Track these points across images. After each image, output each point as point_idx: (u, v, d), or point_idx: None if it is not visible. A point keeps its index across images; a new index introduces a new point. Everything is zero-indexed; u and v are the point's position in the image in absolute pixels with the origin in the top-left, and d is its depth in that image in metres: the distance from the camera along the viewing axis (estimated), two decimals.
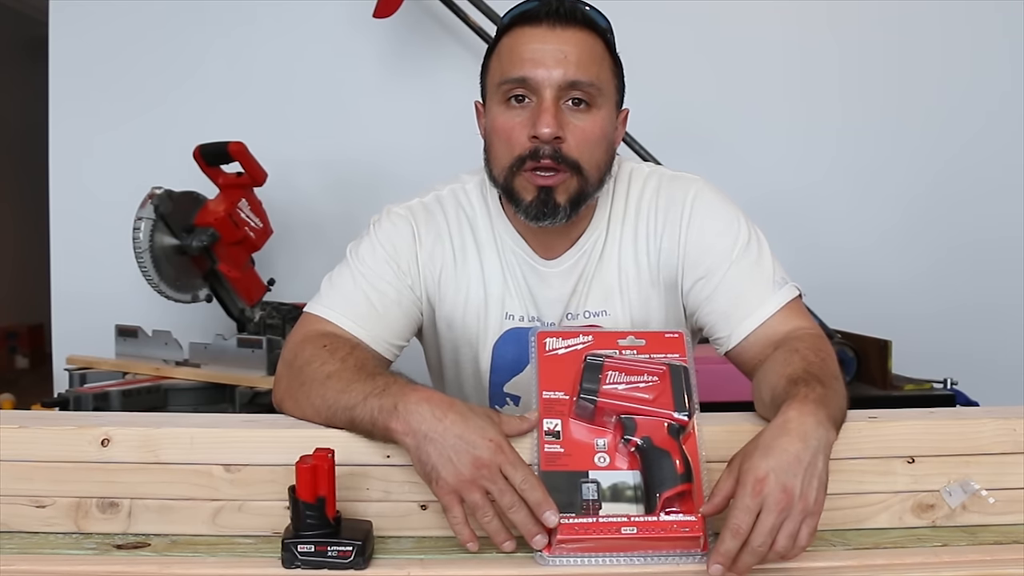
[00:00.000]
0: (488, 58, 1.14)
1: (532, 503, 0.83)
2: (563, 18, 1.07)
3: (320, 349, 1.03)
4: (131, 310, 2.16)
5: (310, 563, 0.82)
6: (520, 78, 1.06)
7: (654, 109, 2.37)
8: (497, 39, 1.13)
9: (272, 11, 2.41)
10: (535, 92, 1.06)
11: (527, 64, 1.06)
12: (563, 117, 1.06)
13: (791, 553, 0.79)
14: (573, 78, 1.05)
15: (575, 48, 1.06)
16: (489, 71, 1.13)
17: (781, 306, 1.09)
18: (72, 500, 0.91)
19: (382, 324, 1.12)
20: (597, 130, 1.08)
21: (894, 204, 2.48)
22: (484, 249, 1.19)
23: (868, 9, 2.44)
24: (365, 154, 2.38)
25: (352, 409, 0.91)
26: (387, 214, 1.20)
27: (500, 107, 1.09)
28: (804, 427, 0.82)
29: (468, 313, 1.18)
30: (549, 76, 1.05)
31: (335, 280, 1.15)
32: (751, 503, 0.78)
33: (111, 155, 2.40)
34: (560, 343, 0.96)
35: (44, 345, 5.38)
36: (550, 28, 1.06)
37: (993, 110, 2.46)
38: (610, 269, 1.17)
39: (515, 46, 1.08)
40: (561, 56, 1.05)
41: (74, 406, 1.74)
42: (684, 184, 1.18)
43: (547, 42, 1.06)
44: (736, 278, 1.11)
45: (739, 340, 1.09)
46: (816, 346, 1.02)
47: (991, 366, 2.25)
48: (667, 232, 1.16)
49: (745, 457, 0.82)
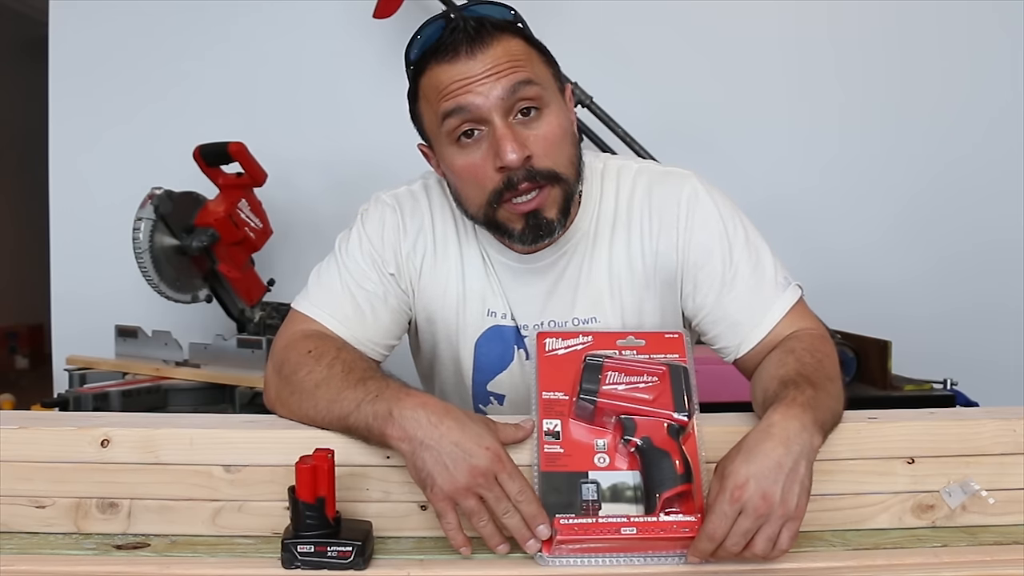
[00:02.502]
0: (414, 103, 1.08)
1: (527, 516, 0.83)
2: (478, 39, 1.00)
3: (306, 356, 1.01)
4: (131, 310, 2.16)
5: (310, 563, 0.82)
6: (458, 108, 1.00)
7: (654, 109, 2.37)
8: (415, 80, 1.06)
9: (272, 11, 2.41)
10: (482, 122, 1.00)
11: (460, 96, 1.00)
12: (520, 134, 1.00)
13: (771, 556, 0.80)
14: (514, 90, 0.99)
15: (502, 61, 1.00)
16: (422, 116, 1.07)
17: (786, 312, 1.08)
18: (72, 500, 0.91)
19: (368, 325, 1.10)
20: (557, 131, 1.03)
21: (894, 204, 2.48)
22: (466, 243, 1.15)
23: (868, 9, 2.44)
24: (365, 154, 2.37)
25: (346, 418, 0.91)
26: (375, 203, 1.17)
27: (452, 148, 1.03)
28: (787, 432, 0.82)
29: (446, 307, 1.15)
30: (489, 101, 0.99)
31: (323, 276, 1.13)
32: (729, 509, 0.79)
33: (111, 155, 2.40)
34: (560, 343, 0.96)
35: (44, 345, 5.37)
36: (470, 56, 0.99)
37: (994, 111, 2.45)
38: (599, 273, 1.13)
39: (439, 84, 1.01)
40: (493, 77, 0.99)
41: (74, 406, 1.74)
42: (677, 181, 1.13)
43: (473, 70, 0.99)
44: (739, 288, 1.08)
45: (746, 352, 1.08)
46: (813, 347, 1.02)
47: (991, 367, 2.25)
48: (663, 234, 1.11)
49: (727, 461, 0.82)
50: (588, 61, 2.22)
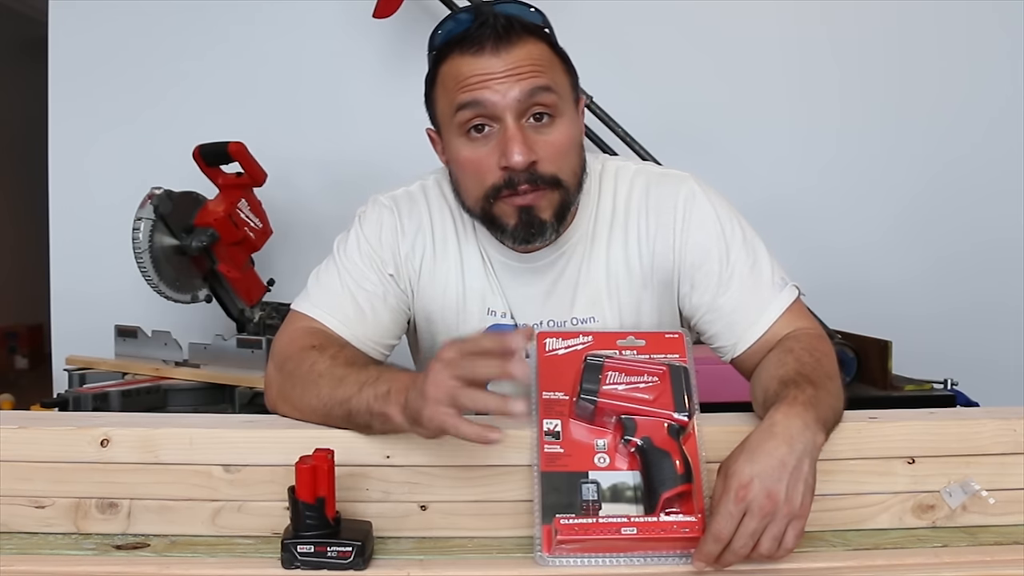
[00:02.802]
0: (431, 87, 1.09)
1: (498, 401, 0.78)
2: (505, 38, 1.01)
3: (309, 351, 1.02)
4: (131, 310, 2.16)
5: (310, 563, 0.81)
6: (474, 102, 1.01)
7: (653, 109, 2.37)
8: (436, 65, 1.07)
9: (272, 11, 2.40)
10: (495, 119, 1.02)
11: (477, 90, 1.01)
12: (530, 138, 1.01)
13: (777, 555, 0.80)
14: (531, 94, 1.01)
15: (524, 64, 1.01)
16: (436, 102, 1.08)
17: (782, 312, 1.08)
18: (71, 500, 0.91)
19: (369, 324, 1.11)
20: (566, 140, 1.04)
21: (894, 204, 2.47)
22: (465, 242, 1.15)
23: (867, 9, 2.44)
24: (365, 154, 2.37)
25: (348, 401, 0.91)
26: (372, 205, 1.18)
27: (461, 140, 1.05)
28: (790, 430, 0.83)
29: (446, 307, 1.16)
30: (505, 100, 1.00)
31: (322, 278, 1.14)
32: (734, 509, 0.78)
33: (111, 155, 2.40)
34: (560, 343, 0.96)
35: (43, 345, 5.38)
36: (494, 53, 1.01)
37: (993, 112, 2.45)
38: (597, 273, 1.14)
39: (459, 75, 1.02)
40: (513, 77, 1.00)
41: (73, 406, 1.74)
42: (674, 183, 1.14)
43: (495, 67, 1.00)
44: (736, 287, 1.09)
45: (743, 350, 1.09)
46: (812, 346, 1.02)
47: (991, 366, 2.24)
48: (660, 235, 1.12)
49: (731, 461, 0.82)
50: (588, 61, 2.20)
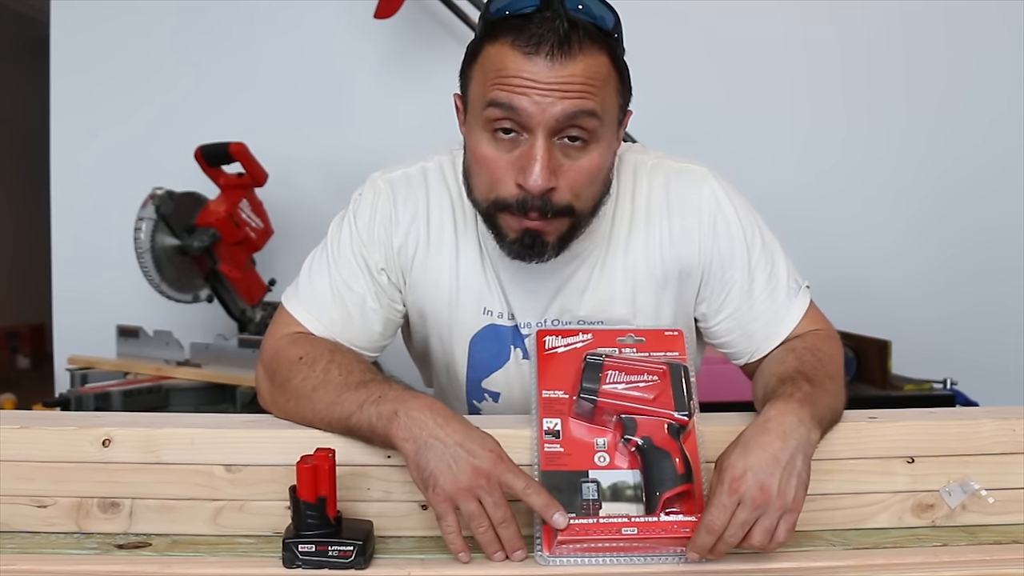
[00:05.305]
0: (470, 62, 0.98)
1: (539, 507, 0.82)
2: (565, 46, 0.90)
3: (297, 363, 0.99)
4: (132, 310, 2.17)
5: (311, 563, 0.82)
6: (508, 105, 0.91)
7: (659, 110, 2.35)
8: (482, 39, 0.96)
9: (272, 11, 2.41)
10: (526, 129, 0.92)
11: (516, 95, 0.91)
12: (556, 160, 0.93)
13: (768, 547, 0.81)
14: (572, 116, 0.91)
15: (576, 81, 0.91)
16: (470, 80, 0.98)
17: (798, 321, 1.07)
18: (73, 500, 0.91)
19: (355, 328, 1.07)
20: (594, 168, 0.96)
21: (896, 206, 2.47)
22: (463, 235, 1.09)
23: (873, 9, 2.44)
24: (366, 154, 2.36)
25: (347, 419, 0.90)
26: (370, 187, 1.12)
27: (483, 134, 0.96)
28: (784, 425, 0.83)
29: (438, 302, 1.10)
30: (543, 115, 0.91)
31: (314, 274, 1.09)
32: (727, 501, 0.79)
33: (112, 155, 2.40)
34: (560, 341, 0.96)
35: (45, 345, 5.38)
36: (548, 60, 0.90)
37: (996, 113, 2.45)
38: (613, 276, 1.08)
39: (503, 68, 0.92)
40: (558, 93, 0.90)
41: (75, 406, 1.74)
42: (695, 181, 1.09)
43: (543, 75, 0.90)
44: (756, 297, 1.07)
45: (758, 359, 1.08)
46: (815, 346, 1.03)
47: (991, 366, 2.24)
48: (684, 238, 1.07)
49: (726, 455, 0.83)
50: None
